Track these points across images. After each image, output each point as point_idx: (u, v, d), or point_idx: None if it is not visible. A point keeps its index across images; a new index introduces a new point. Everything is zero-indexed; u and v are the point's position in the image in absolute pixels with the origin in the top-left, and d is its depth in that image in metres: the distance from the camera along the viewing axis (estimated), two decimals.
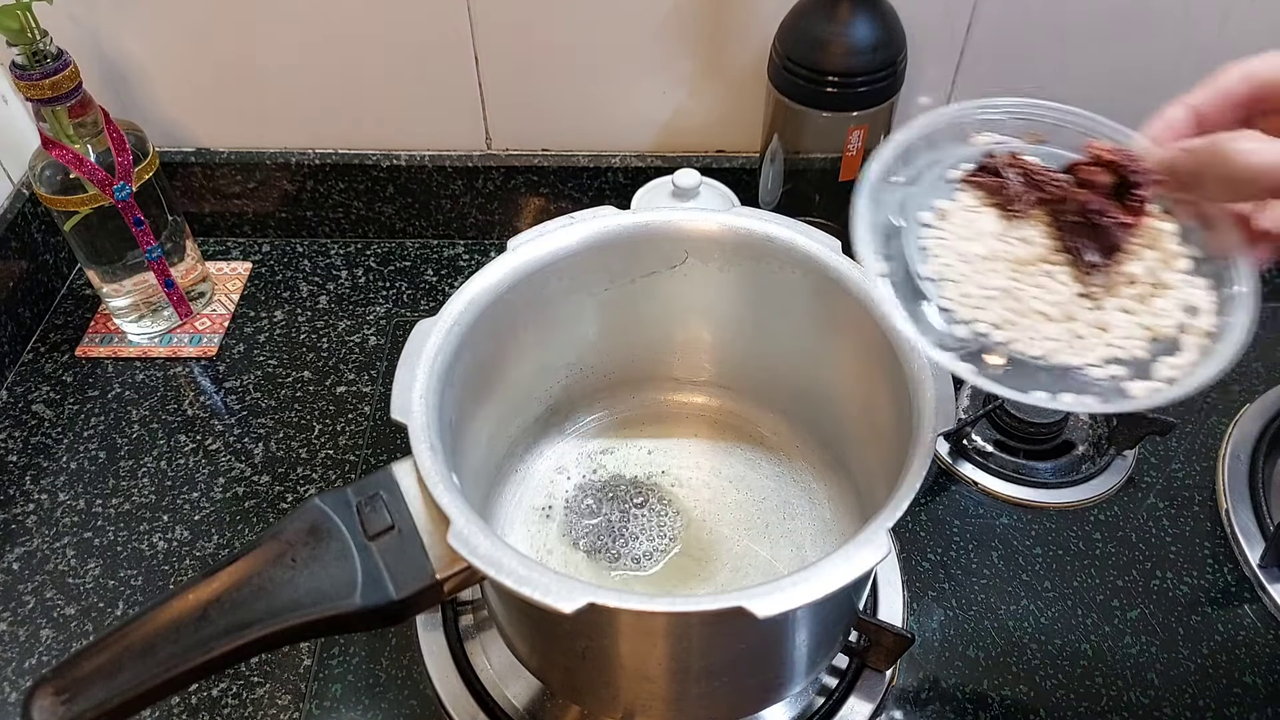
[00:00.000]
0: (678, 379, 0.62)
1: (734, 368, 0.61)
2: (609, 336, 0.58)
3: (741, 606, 0.35)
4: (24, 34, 0.60)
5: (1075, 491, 0.63)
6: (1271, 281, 0.80)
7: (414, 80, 0.75)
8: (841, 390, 0.54)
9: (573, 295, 0.53)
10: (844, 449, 0.57)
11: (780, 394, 0.60)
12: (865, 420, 0.53)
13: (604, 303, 0.55)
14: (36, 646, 0.57)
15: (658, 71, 0.74)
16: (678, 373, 0.62)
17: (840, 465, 0.58)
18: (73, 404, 0.70)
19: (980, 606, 0.58)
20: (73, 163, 0.63)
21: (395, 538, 0.37)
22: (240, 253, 0.82)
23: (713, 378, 0.62)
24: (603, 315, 0.56)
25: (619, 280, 0.54)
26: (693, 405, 0.63)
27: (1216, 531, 0.61)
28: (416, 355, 0.44)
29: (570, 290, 0.53)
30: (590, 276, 0.53)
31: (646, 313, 0.57)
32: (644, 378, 0.62)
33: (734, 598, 0.36)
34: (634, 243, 0.53)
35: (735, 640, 0.41)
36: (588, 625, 0.39)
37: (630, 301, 0.55)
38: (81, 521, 0.63)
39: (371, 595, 0.36)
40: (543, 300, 0.52)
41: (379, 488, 0.38)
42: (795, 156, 0.70)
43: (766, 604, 0.35)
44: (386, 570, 0.36)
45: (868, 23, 0.63)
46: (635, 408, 0.63)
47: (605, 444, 0.61)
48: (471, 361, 0.47)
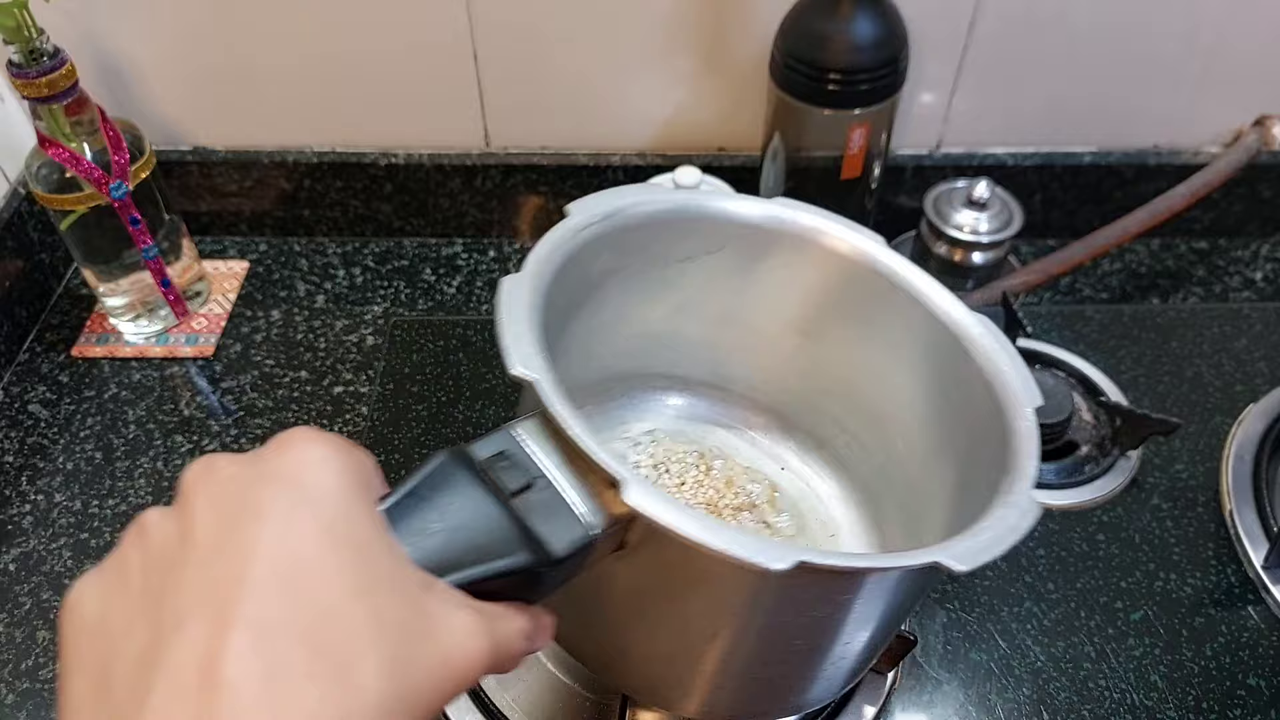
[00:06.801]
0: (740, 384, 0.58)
1: (779, 379, 0.57)
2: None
3: (938, 561, 0.34)
4: (20, 32, 0.59)
5: (1079, 493, 0.63)
6: (1274, 281, 0.80)
7: (412, 78, 0.75)
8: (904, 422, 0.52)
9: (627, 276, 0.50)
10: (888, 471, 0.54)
11: (828, 420, 0.56)
12: (920, 429, 0.50)
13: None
14: (33, 648, 0.56)
15: (658, 69, 0.74)
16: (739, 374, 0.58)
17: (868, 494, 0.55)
18: (69, 404, 0.70)
19: (983, 608, 0.58)
20: (69, 161, 0.63)
21: (536, 496, 0.35)
22: (237, 252, 0.82)
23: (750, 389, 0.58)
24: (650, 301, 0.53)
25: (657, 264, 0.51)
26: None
27: (1220, 533, 0.61)
28: (521, 309, 0.39)
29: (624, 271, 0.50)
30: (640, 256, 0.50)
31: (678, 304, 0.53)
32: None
33: (926, 553, 0.35)
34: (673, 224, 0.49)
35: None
36: (762, 590, 0.38)
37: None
38: (78, 522, 0.62)
39: (535, 552, 0.33)
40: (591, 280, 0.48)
41: (502, 445, 0.36)
42: (796, 154, 0.70)
43: (963, 557, 0.35)
44: (537, 528, 0.34)
45: (869, 19, 0.62)
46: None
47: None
48: (563, 309, 0.44)
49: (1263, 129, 0.77)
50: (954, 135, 0.78)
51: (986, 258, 0.74)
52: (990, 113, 0.77)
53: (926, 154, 0.79)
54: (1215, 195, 0.75)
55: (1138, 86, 0.76)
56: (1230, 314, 0.75)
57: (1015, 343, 0.68)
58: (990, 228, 0.72)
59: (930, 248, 0.74)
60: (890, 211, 0.79)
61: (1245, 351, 0.72)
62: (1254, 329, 0.73)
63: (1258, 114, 0.77)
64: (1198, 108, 0.77)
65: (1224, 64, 0.74)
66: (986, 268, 0.75)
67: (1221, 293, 0.79)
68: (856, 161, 0.68)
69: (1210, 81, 0.75)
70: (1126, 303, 0.78)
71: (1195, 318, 0.74)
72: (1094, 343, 0.72)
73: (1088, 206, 0.81)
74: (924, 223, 0.75)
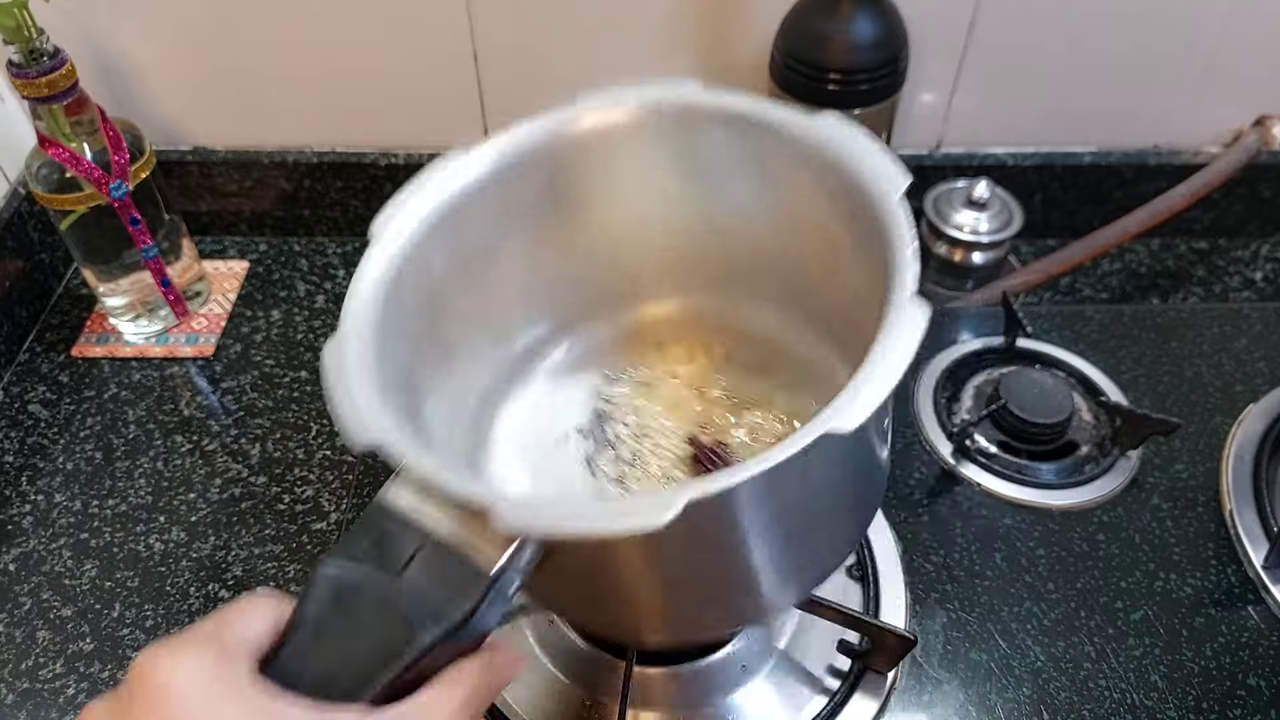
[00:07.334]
0: (630, 294, 0.56)
1: (693, 264, 0.54)
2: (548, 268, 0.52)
3: (827, 432, 0.32)
4: (20, 32, 0.59)
5: (1079, 493, 0.63)
6: (1274, 281, 0.80)
7: (412, 78, 0.75)
8: (805, 249, 0.49)
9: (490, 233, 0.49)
10: (826, 315, 0.51)
11: (751, 278, 0.53)
12: (833, 272, 0.47)
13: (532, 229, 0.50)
14: (33, 648, 0.56)
15: (658, 69, 0.74)
16: (626, 287, 0.55)
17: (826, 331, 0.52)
18: (69, 404, 0.70)
19: (983, 608, 0.57)
20: (69, 161, 0.63)
21: (425, 558, 0.34)
22: (237, 252, 0.82)
23: (675, 282, 0.55)
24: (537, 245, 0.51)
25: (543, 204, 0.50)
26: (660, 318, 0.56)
27: (1220, 532, 0.61)
28: (351, 374, 0.39)
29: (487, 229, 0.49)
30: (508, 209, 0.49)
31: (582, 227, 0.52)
32: (595, 301, 0.55)
33: (811, 429, 0.32)
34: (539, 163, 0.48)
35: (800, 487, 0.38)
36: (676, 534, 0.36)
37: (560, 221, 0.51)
38: (78, 522, 0.62)
39: (442, 619, 0.32)
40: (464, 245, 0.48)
41: (379, 523, 0.35)
42: None
43: (848, 418, 0.32)
44: (436, 593, 0.33)
45: (869, 20, 0.62)
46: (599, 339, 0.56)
47: (580, 381, 0.55)
48: (406, 350, 0.44)
49: (1263, 129, 0.77)
50: (954, 135, 0.78)
51: (986, 258, 0.74)
52: (990, 113, 0.77)
53: (926, 154, 0.79)
54: (1215, 195, 0.76)
55: (1138, 86, 0.76)
56: (1230, 314, 0.75)
57: (1015, 343, 0.69)
58: (990, 228, 0.72)
59: (930, 248, 0.74)
60: None
61: (1245, 351, 0.72)
62: (1254, 329, 0.73)
63: (1258, 114, 0.77)
64: (1198, 108, 0.77)
65: (1224, 64, 0.74)
66: (986, 268, 0.75)
67: (1221, 293, 0.79)
68: None
69: (1210, 81, 0.75)
70: (1126, 303, 0.78)
71: (1195, 318, 0.74)
72: (1094, 343, 0.72)
73: (1088, 206, 0.81)
74: (924, 223, 0.75)
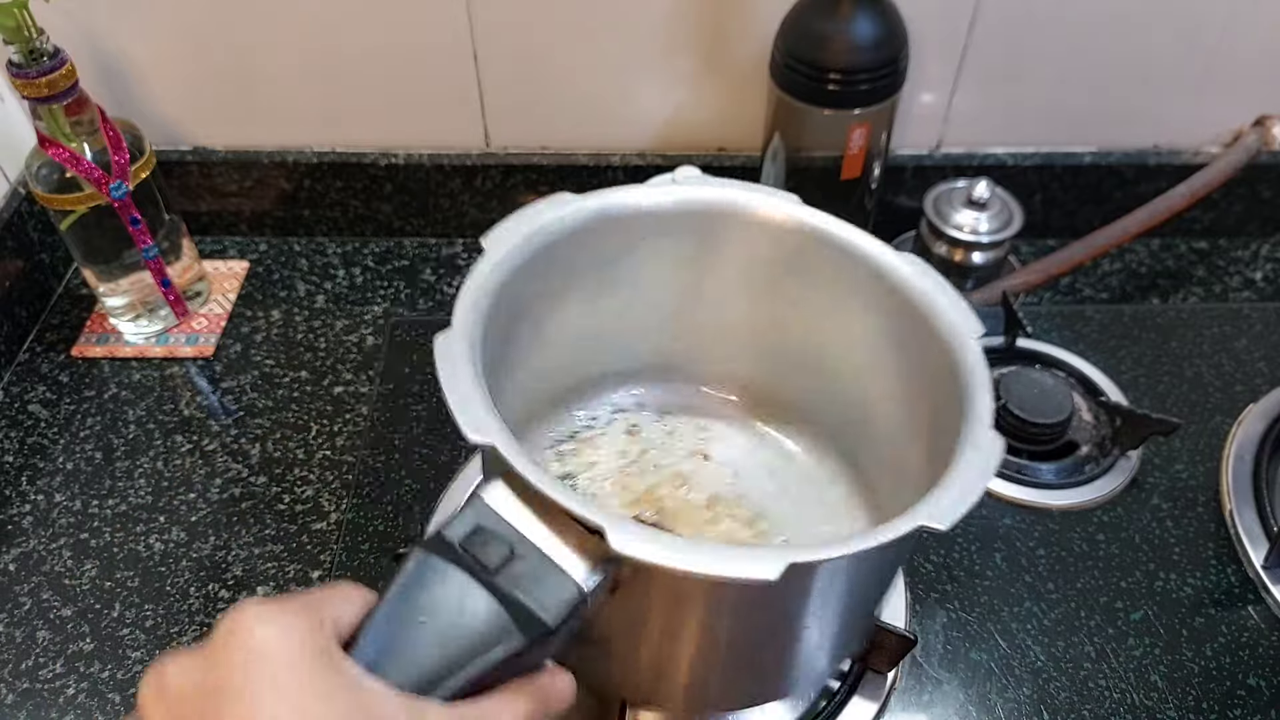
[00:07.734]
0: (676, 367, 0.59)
1: (751, 357, 0.57)
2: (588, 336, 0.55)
3: (924, 525, 0.35)
4: (20, 32, 0.59)
5: (1079, 493, 0.63)
6: (1274, 281, 0.80)
7: (412, 78, 0.75)
8: (858, 368, 0.52)
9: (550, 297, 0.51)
10: (856, 442, 0.55)
11: (799, 390, 0.57)
12: (881, 400, 0.50)
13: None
14: (33, 648, 0.56)
15: (658, 69, 0.74)
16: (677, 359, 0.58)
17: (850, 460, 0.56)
18: (69, 404, 0.70)
19: (983, 608, 0.57)
20: (69, 161, 0.63)
21: (520, 565, 0.34)
22: (237, 252, 0.82)
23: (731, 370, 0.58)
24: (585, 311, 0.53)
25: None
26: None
27: (1220, 533, 0.61)
28: (461, 368, 0.39)
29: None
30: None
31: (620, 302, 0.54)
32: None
33: (904, 522, 0.36)
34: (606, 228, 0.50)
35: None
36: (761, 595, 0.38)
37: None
38: (78, 522, 0.62)
39: (528, 628, 0.33)
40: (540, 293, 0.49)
41: (475, 520, 0.35)
42: (796, 154, 0.70)
43: (943, 516, 0.35)
44: (526, 600, 0.33)
45: (869, 19, 0.62)
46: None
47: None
48: (493, 349, 0.45)
49: (1263, 129, 0.77)
50: (954, 135, 0.78)
51: (986, 258, 0.74)
52: (990, 113, 0.77)
53: (926, 154, 0.79)
54: (1215, 195, 0.76)
55: (1138, 86, 0.76)
56: (1230, 314, 0.75)
57: (1015, 343, 0.69)
58: (990, 228, 0.72)
59: (930, 248, 0.74)
60: (890, 211, 0.79)
61: (1245, 351, 0.72)
62: (1254, 329, 0.73)
63: (1258, 114, 0.77)
64: (1198, 108, 0.77)
65: (1224, 64, 0.74)
66: (986, 268, 0.75)
67: (1221, 293, 0.79)
68: (856, 161, 0.68)
69: (1210, 81, 0.75)
70: (1126, 303, 0.78)
71: (1195, 318, 0.74)
72: (1094, 343, 0.72)
73: (1088, 206, 0.81)
74: (924, 223, 0.75)
